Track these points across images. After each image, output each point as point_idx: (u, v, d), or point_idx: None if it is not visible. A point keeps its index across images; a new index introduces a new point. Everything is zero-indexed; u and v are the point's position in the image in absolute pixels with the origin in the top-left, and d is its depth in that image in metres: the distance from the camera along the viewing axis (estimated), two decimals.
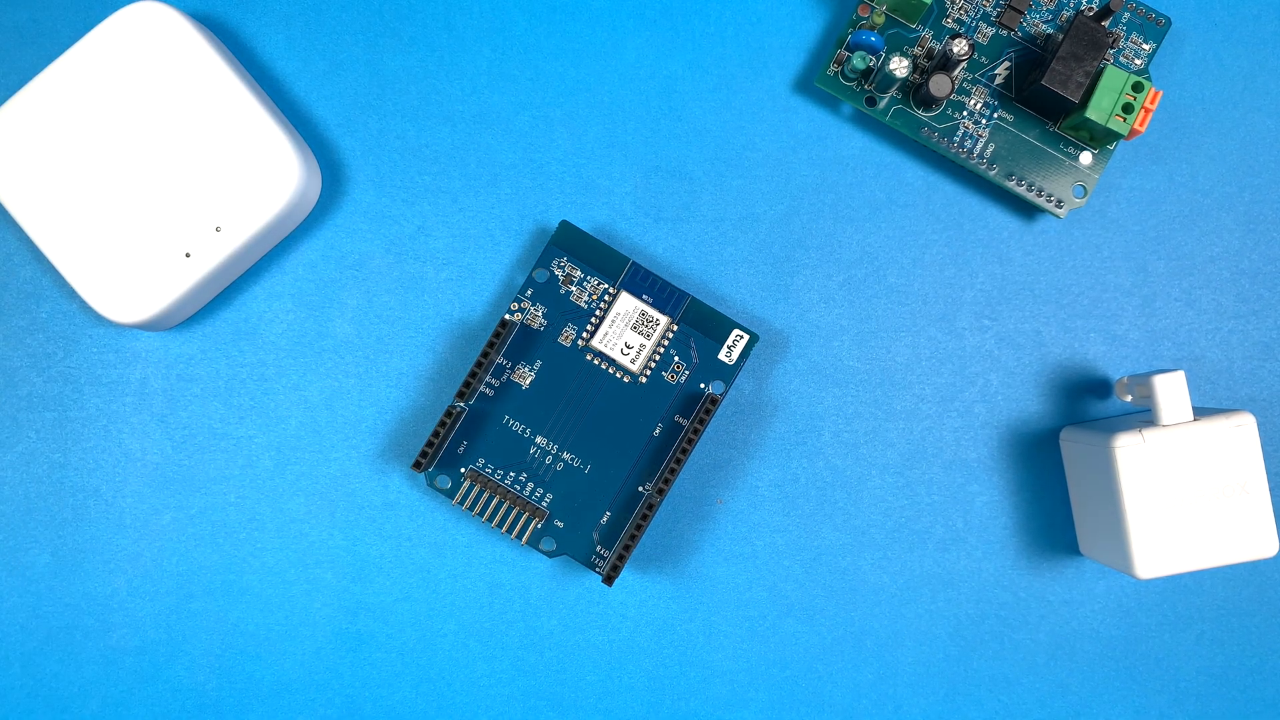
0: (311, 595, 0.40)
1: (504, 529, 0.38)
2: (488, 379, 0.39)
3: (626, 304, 0.39)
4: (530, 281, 0.39)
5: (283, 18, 0.41)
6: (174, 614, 0.40)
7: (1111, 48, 0.40)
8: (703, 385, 0.39)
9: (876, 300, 0.41)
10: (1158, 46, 0.40)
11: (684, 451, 0.38)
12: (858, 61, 0.38)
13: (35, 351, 0.41)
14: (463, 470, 0.39)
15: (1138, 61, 0.40)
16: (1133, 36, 0.40)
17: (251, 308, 0.41)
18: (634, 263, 0.39)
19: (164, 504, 0.40)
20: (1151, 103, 0.37)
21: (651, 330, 0.39)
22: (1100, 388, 0.41)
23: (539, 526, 0.38)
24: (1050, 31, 0.40)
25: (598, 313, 0.39)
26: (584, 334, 0.39)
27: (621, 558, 0.37)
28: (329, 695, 0.40)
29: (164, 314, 0.38)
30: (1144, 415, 0.38)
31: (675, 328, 0.39)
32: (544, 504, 0.39)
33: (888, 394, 0.41)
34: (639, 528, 0.37)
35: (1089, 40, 0.37)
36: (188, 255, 0.38)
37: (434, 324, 0.41)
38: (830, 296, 0.41)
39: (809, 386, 0.41)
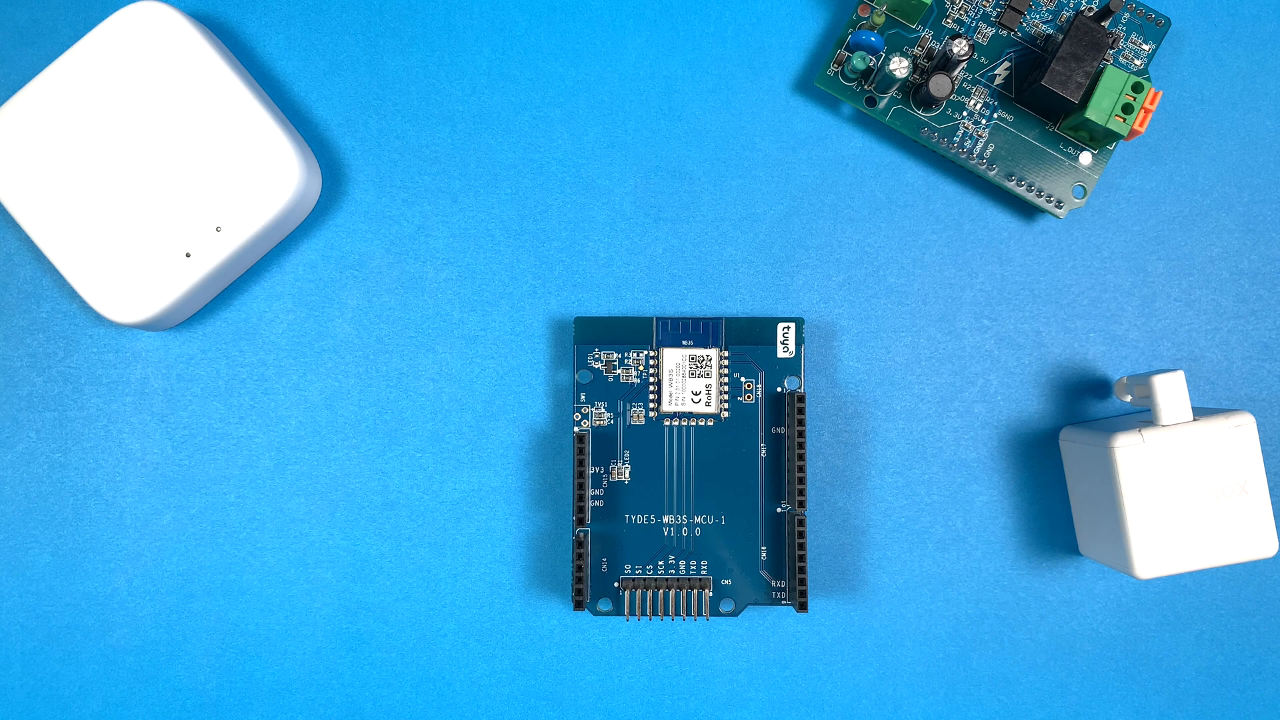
0: (311, 595, 0.40)
1: (682, 615, 0.38)
2: (593, 492, 0.39)
3: (673, 358, 0.39)
4: (578, 386, 0.39)
5: (283, 18, 0.41)
6: (174, 614, 0.40)
7: (1111, 48, 0.40)
8: (779, 389, 0.39)
9: (876, 300, 0.41)
10: (1157, 47, 0.40)
11: (800, 459, 0.38)
12: (858, 62, 0.38)
13: (35, 351, 0.41)
14: (615, 584, 0.39)
15: (1137, 62, 0.40)
16: (1132, 37, 0.40)
17: (251, 308, 0.41)
18: (658, 318, 0.39)
19: (164, 504, 0.40)
20: (1151, 103, 0.37)
21: (708, 369, 0.39)
22: (1100, 388, 0.41)
23: (711, 596, 0.38)
24: (1050, 32, 0.40)
25: (652, 380, 0.39)
26: (651, 405, 0.39)
27: (803, 581, 0.37)
28: (329, 695, 0.40)
29: (164, 314, 0.38)
30: (1143, 415, 0.38)
31: (726, 354, 0.39)
32: (703, 573, 0.39)
33: (888, 394, 0.41)
34: (801, 546, 0.37)
35: (1089, 40, 0.37)
36: (188, 255, 0.38)
37: (434, 324, 0.41)
38: (830, 296, 0.41)
39: (809, 386, 0.41)
